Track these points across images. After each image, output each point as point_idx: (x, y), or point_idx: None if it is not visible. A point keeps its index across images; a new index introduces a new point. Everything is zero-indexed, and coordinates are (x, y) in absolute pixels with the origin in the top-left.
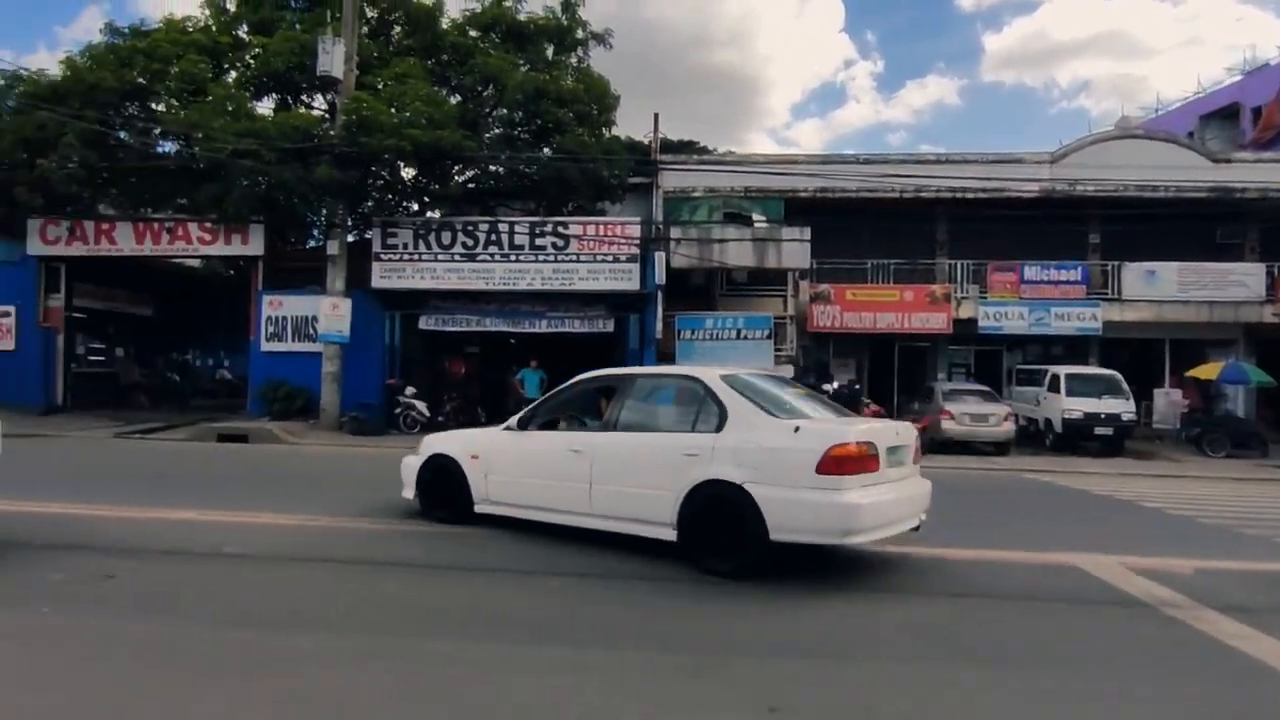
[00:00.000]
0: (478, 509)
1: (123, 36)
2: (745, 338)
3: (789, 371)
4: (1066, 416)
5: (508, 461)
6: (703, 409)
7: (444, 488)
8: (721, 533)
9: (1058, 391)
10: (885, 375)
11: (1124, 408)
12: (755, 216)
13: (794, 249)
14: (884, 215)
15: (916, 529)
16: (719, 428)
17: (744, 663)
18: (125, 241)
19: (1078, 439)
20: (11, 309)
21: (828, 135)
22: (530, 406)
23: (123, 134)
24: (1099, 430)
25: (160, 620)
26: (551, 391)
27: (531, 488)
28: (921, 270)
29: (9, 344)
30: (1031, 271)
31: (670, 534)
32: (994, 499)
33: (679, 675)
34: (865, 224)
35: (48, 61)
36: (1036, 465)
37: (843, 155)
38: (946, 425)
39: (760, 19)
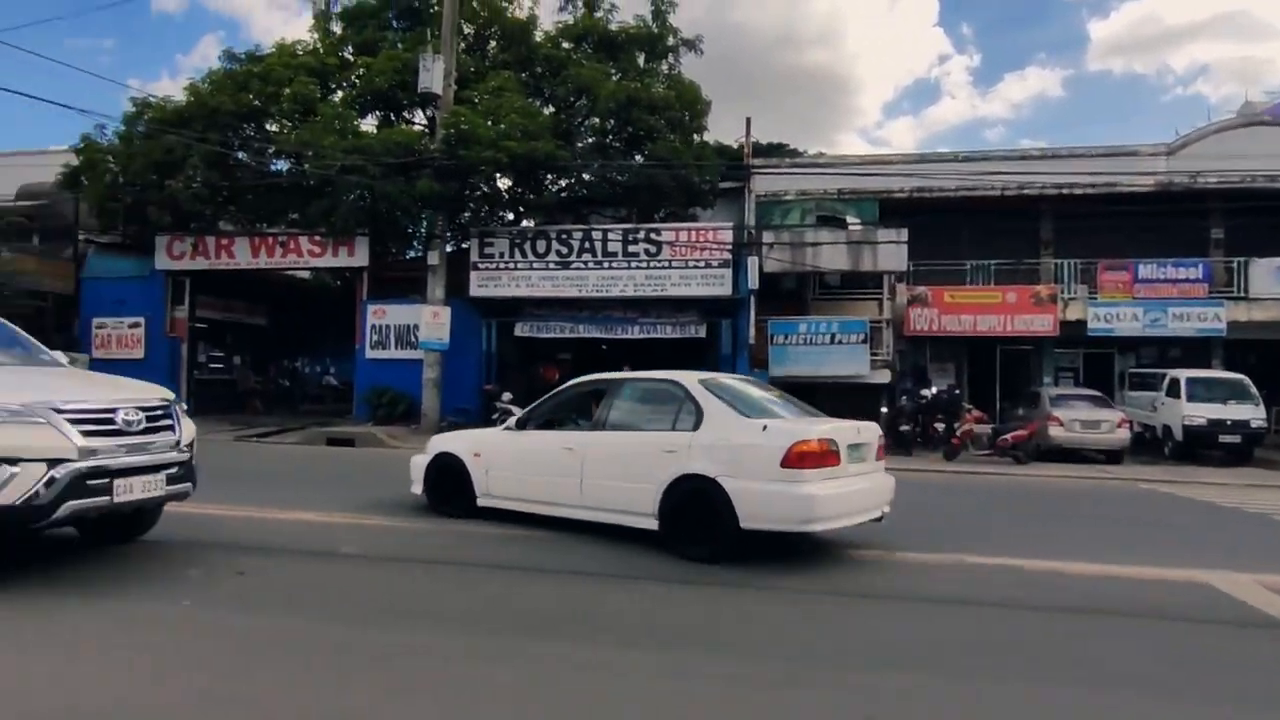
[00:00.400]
0: (480, 503)
1: (239, 62)
2: (840, 342)
3: (886, 376)
4: (1188, 423)
5: (507, 459)
6: (682, 410)
7: (449, 484)
8: (698, 522)
9: (1177, 396)
10: (986, 380)
11: (1253, 414)
12: (849, 219)
13: (890, 251)
14: (984, 214)
15: (879, 520)
16: (696, 426)
17: (839, 674)
18: (243, 255)
19: (1200, 447)
20: (142, 320)
21: (921, 133)
22: (528, 408)
23: (241, 154)
24: (1224, 438)
25: (289, 616)
26: (548, 394)
27: (528, 483)
28: (1025, 270)
29: (139, 353)
30: (1147, 270)
31: (652, 524)
32: (1109, 510)
33: (776, 684)
34: (964, 224)
35: (170, 88)
36: (1154, 475)
37: (939, 153)
38: (1054, 432)
39: (850, 17)
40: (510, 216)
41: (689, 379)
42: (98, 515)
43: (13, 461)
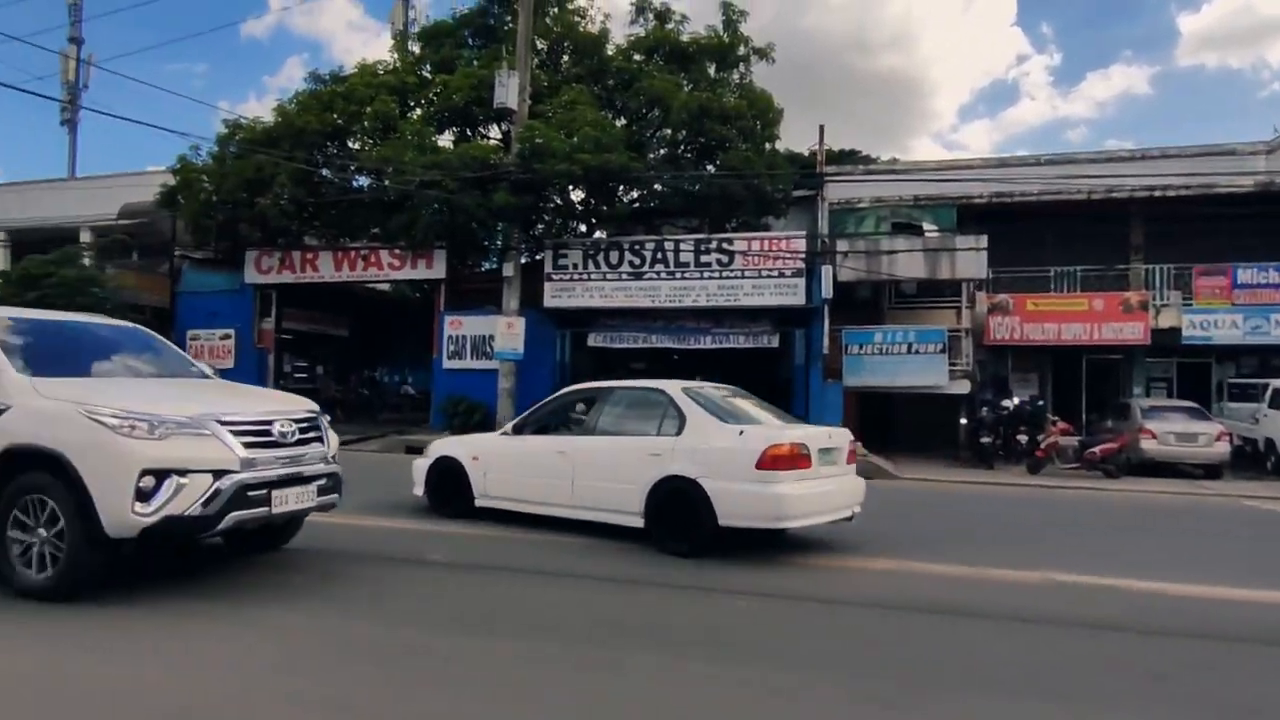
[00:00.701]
0: (478, 503)
1: (323, 83)
2: (917, 352)
3: (965, 387)
4: None
5: (504, 463)
6: (666, 416)
7: (449, 486)
8: (680, 520)
9: None
10: (1071, 391)
11: None
12: (926, 226)
13: (969, 258)
14: (1069, 219)
15: (849, 519)
16: (679, 431)
17: (941, 696)
18: (326, 269)
19: None
20: (232, 332)
21: (998, 136)
22: (523, 414)
23: (325, 171)
24: None
25: (381, 622)
26: (543, 401)
27: (523, 484)
28: (1113, 277)
29: (230, 363)
30: (1246, 274)
31: (638, 521)
32: (1211, 528)
33: (881, 708)
34: (1047, 229)
35: (257, 108)
36: (1258, 491)
37: (1020, 157)
38: (1147, 445)
39: (924, 19)
40: (583, 228)
41: (672, 387)
42: (255, 526)
43: (182, 473)
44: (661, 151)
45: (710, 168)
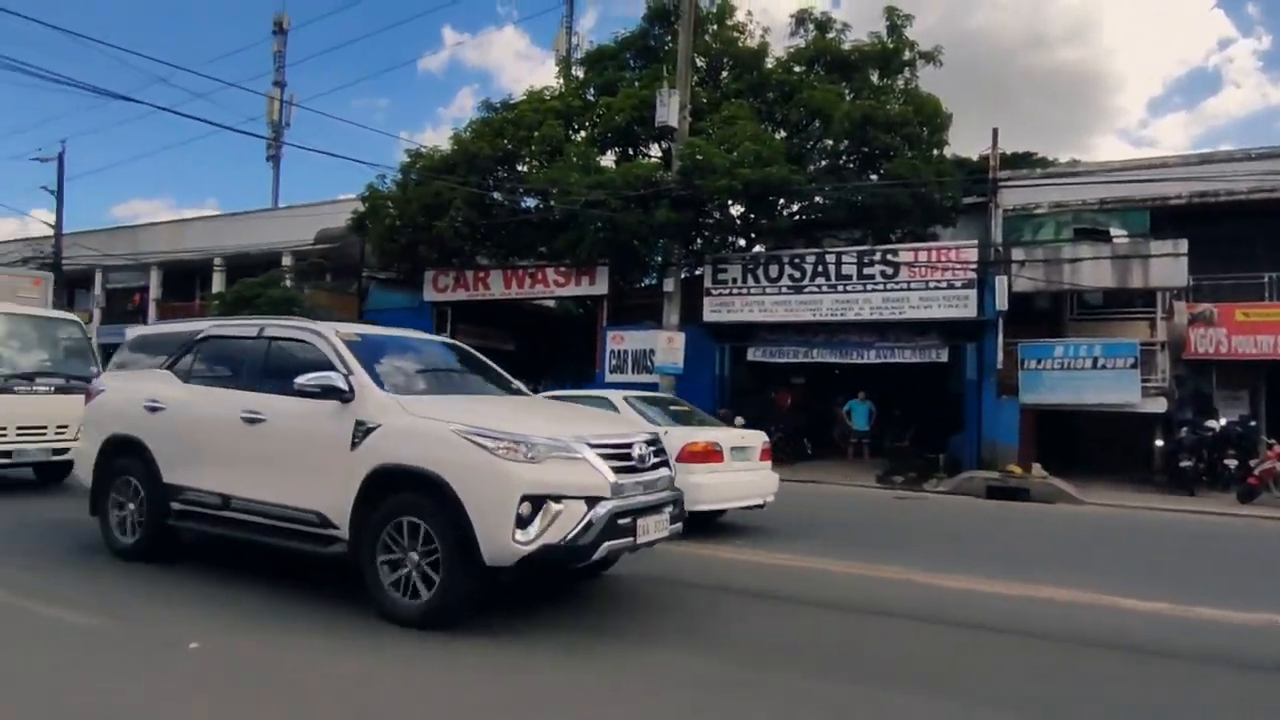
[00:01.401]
0: None
1: (494, 111)
2: (1104, 367)
3: (1161, 405)
4: None
5: None
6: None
7: None
8: None
9: None
10: None
11: None
12: (1113, 230)
13: (1165, 265)
14: None
15: (761, 506)
16: None
17: None
18: (496, 287)
19: None
20: None
21: (1196, 130)
22: None
23: (496, 194)
24: None
25: (542, 639)
26: None
27: None
28: None
29: None
30: None
31: None
32: None
33: None
34: (1259, 231)
35: (433, 137)
36: None
37: (1227, 152)
38: None
39: (1106, 9)
40: (743, 242)
41: (616, 396)
42: (618, 557)
43: (557, 499)
44: (823, 163)
45: (874, 177)
